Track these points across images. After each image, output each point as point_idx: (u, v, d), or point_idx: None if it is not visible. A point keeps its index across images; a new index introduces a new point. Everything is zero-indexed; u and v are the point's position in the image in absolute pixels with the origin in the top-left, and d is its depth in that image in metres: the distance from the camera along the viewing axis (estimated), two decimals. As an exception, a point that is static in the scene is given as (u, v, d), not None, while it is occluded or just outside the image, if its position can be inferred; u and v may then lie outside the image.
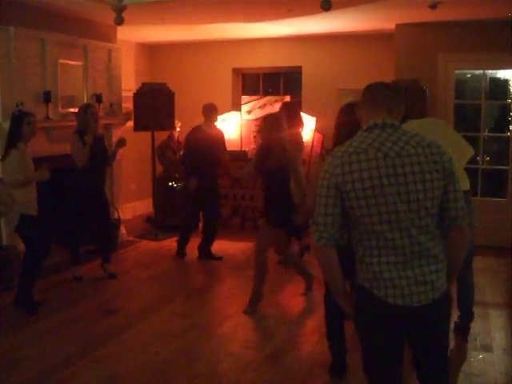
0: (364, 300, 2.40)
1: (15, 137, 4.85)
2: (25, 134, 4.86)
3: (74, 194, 5.78)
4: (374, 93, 2.46)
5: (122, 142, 6.00)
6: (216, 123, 6.76)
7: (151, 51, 9.43)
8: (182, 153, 7.19)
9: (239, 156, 8.04)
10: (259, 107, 8.29)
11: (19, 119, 4.90)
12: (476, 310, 4.52)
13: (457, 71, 7.30)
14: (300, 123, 6.28)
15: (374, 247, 2.33)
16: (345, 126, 3.91)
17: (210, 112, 6.60)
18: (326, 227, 2.34)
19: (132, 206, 8.66)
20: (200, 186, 6.47)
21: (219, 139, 6.71)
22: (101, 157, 5.76)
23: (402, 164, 2.28)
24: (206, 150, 6.42)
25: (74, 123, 5.83)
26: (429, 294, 2.31)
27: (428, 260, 2.32)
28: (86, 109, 5.73)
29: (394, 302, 2.31)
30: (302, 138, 6.37)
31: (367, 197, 2.28)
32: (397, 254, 2.30)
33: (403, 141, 2.33)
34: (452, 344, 3.96)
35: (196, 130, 6.62)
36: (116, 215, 6.89)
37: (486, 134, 7.30)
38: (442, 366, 2.49)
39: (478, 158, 7.21)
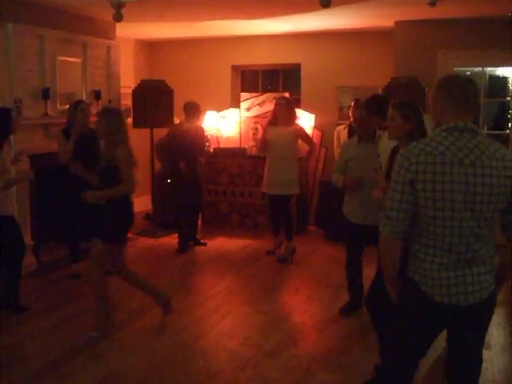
0: (411, 291, 2.48)
1: (3, 136, 4.65)
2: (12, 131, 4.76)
3: (69, 190, 5.74)
4: (458, 89, 2.39)
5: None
6: (198, 122, 6.99)
7: (150, 48, 9.42)
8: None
9: (238, 153, 8.03)
10: (258, 104, 8.27)
11: (6, 115, 4.70)
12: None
13: (456, 68, 7.29)
14: (296, 117, 6.61)
15: (431, 246, 2.39)
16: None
17: (191, 112, 6.81)
18: (398, 222, 2.40)
19: (131, 202, 8.65)
20: (180, 180, 6.79)
21: (198, 139, 6.89)
22: (89, 157, 5.66)
23: (474, 174, 2.29)
24: (182, 150, 6.69)
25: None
26: (476, 294, 2.39)
27: (478, 263, 2.39)
28: (76, 105, 5.67)
29: (440, 300, 2.39)
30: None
31: (435, 199, 2.32)
32: (450, 257, 2.37)
33: (480, 149, 2.32)
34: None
35: (175, 129, 6.94)
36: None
37: (484, 131, 7.30)
38: (475, 363, 2.57)
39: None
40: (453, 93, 2.38)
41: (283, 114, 6.31)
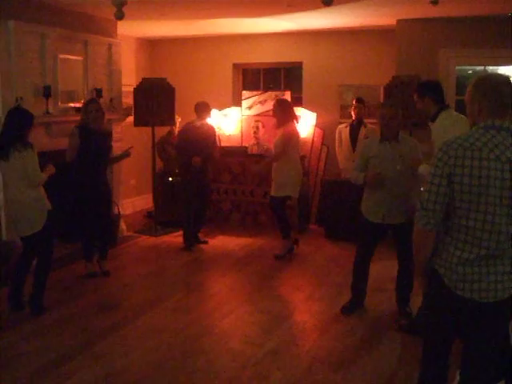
0: (435, 284, 2.55)
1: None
2: None
3: (75, 190, 5.73)
4: (497, 90, 2.46)
5: (127, 154, 6.03)
6: (208, 120, 7.03)
7: (151, 46, 9.41)
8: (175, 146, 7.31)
9: (239, 152, 8.02)
10: (260, 102, 8.27)
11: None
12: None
13: (458, 67, 7.28)
14: (294, 117, 6.50)
15: (461, 240, 2.44)
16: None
17: (203, 110, 6.85)
18: (435, 214, 2.46)
19: (132, 201, 8.66)
20: (192, 178, 6.78)
21: (210, 135, 6.96)
22: (102, 153, 5.71)
23: (510, 170, 2.35)
24: (196, 145, 6.70)
25: (74, 118, 5.83)
26: (498, 293, 2.43)
27: (503, 261, 2.43)
28: (86, 105, 5.70)
29: (462, 294, 2.45)
30: (298, 131, 6.53)
31: (471, 193, 2.37)
32: (478, 253, 2.41)
33: None
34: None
35: (188, 125, 6.91)
36: (116, 210, 6.88)
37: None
38: (491, 362, 2.59)
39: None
40: (489, 94, 2.46)
41: (276, 116, 6.43)
